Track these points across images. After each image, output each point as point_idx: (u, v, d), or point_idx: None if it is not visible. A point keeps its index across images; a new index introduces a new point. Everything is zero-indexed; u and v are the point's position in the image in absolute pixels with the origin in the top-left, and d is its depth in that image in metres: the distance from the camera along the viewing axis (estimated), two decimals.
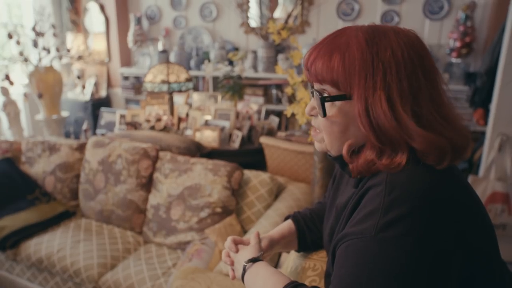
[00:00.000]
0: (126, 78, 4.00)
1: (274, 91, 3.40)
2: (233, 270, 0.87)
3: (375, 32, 0.66)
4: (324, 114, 0.69)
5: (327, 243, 0.86)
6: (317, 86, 0.71)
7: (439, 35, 3.05)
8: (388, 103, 0.63)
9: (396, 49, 0.64)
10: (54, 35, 3.41)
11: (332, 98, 0.68)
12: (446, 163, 0.62)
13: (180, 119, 2.86)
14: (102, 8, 3.90)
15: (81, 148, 2.37)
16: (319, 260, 0.95)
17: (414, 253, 0.57)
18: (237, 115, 2.75)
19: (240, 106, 2.93)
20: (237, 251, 0.86)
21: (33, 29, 3.21)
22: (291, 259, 1.04)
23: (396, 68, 0.63)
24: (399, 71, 0.63)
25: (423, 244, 0.57)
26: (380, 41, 0.65)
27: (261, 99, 3.38)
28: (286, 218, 1.02)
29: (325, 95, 0.69)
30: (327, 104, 0.69)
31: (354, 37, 0.66)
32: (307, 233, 0.97)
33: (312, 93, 0.72)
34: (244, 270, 0.79)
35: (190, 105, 3.14)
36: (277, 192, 2.05)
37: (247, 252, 0.83)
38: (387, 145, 0.64)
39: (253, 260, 0.80)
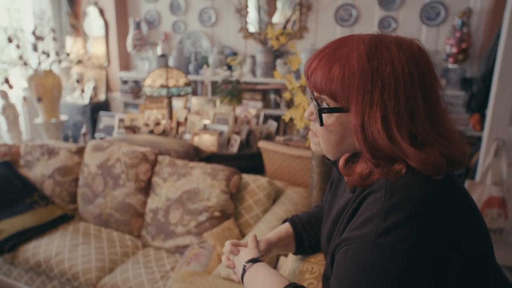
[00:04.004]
0: (125, 82, 4.01)
1: (272, 96, 3.42)
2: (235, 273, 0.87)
3: (378, 44, 0.66)
4: (321, 124, 0.70)
5: (325, 246, 0.87)
6: (316, 94, 0.72)
7: (435, 41, 3.08)
8: (382, 121, 0.63)
9: (396, 65, 0.64)
10: (54, 39, 3.42)
11: (329, 110, 0.68)
12: (441, 176, 0.63)
13: (178, 123, 2.87)
14: (101, 12, 3.92)
15: (80, 151, 2.37)
16: (316, 263, 0.96)
17: (412, 258, 0.58)
18: (236, 119, 2.76)
19: (239, 110, 2.95)
20: (238, 254, 0.87)
21: (33, 33, 3.22)
22: (289, 262, 1.05)
23: (394, 85, 0.63)
24: (397, 89, 0.63)
25: (421, 250, 0.58)
26: (382, 56, 0.64)
27: (259, 104, 3.40)
28: (284, 221, 1.03)
29: (323, 104, 0.70)
30: (324, 114, 0.69)
31: (356, 50, 0.66)
32: (305, 236, 0.98)
33: (312, 99, 0.73)
34: (244, 271, 0.80)
35: (188, 110, 3.15)
36: (275, 196, 2.06)
37: (247, 253, 0.84)
38: (381, 159, 0.65)
39: (253, 261, 0.80)
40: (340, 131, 0.69)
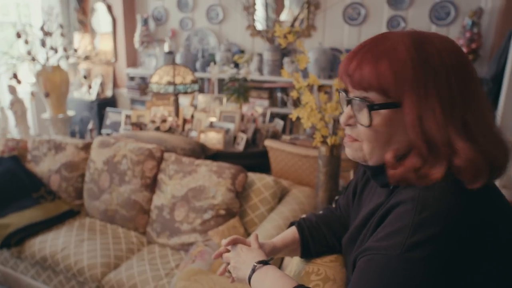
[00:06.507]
0: (132, 78, 4.02)
1: (279, 94, 3.41)
2: (226, 268, 0.88)
3: (420, 37, 0.64)
4: (370, 124, 0.65)
5: (347, 248, 0.84)
6: (358, 93, 0.66)
7: None
8: (442, 111, 0.61)
9: (444, 56, 0.62)
10: (62, 35, 3.43)
11: (381, 106, 0.64)
12: (479, 184, 0.60)
13: (185, 121, 2.87)
14: (109, 8, 3.93)
15: (87, 147, 2.38)
16: (322, 265, 0.95)
17: (436, 277, 0.55)
18: (242, 117, 2.76)
19: (245, 108, 2.94)
20: (227, 251, 0.89)
21: (41, 28, 3.24)
22: (294, 263, 1.04)
23: (446, 75, 0.61)
24: (449, 78, 0.61)
25: (447, 269, 0.55)
26: (428, 47, 0.62)
27: (266, 102, 3.39)
28: (291, 224, 1.01)
29: (369, 103, 0.65)
30: (372, 113, 0.65)
31: (401, 42, 0.63)
32: (311, 242, 0.96)
33: (349, 101, 0.69)
34: (253, 271, 0.79)
35: (195, 107, 3.15)
36: (280, 196, 2.05)
37: (254, 254, 0.84)
38: (433, 155, 0.62)
39: (263, 262, 0.80)
40: (388, 130, 0.65)
